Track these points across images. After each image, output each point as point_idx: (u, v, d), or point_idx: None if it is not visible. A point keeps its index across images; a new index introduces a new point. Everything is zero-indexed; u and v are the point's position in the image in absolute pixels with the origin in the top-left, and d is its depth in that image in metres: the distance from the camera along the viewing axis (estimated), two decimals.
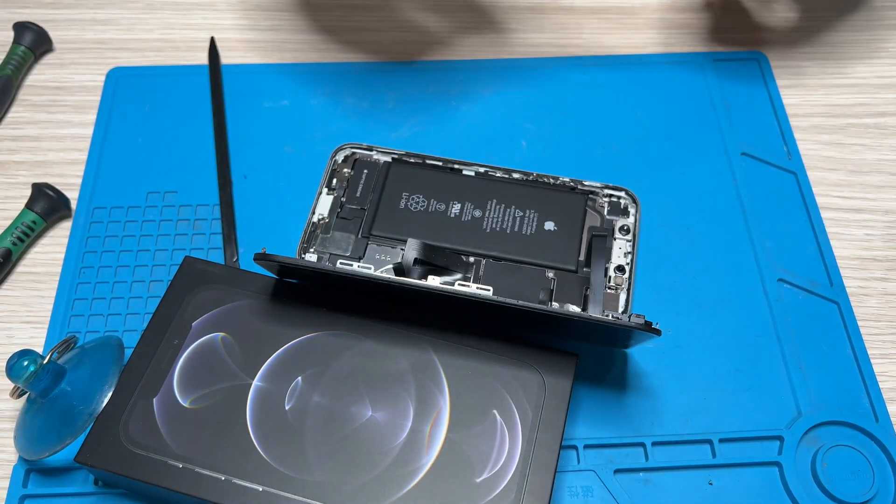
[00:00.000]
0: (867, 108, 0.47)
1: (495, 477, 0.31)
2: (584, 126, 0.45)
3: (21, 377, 0.32)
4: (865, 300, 0.40)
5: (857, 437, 0.35)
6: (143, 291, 0.39)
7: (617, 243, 0.38)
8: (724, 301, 0.39)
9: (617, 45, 0.49)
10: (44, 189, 0.41)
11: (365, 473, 0.31)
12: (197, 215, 0.42)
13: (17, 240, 0.40)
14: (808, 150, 0.45)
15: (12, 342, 0.38)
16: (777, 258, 0.40)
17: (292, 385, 0.33)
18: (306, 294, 0.35)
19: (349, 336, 0.34)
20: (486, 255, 0.38)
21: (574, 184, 0.40)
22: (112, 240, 0.41)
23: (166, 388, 0.33)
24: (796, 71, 0.48)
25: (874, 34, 0.50)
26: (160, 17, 0.51)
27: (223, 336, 0.34)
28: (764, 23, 0.50)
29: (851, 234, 0.42)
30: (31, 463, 0.35)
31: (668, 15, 0.51)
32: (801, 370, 0.37)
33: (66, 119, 0.46)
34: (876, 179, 0.44)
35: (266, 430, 0.32)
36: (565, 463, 0.35)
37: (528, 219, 0.39)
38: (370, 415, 0.32)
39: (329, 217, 0.39)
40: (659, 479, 0.35)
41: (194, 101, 0.46)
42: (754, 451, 0.35)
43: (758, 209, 0.42)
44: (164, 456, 0.31)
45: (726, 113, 0.46)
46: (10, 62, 0.47)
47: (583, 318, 0.31)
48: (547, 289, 0.37)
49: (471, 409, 0.32)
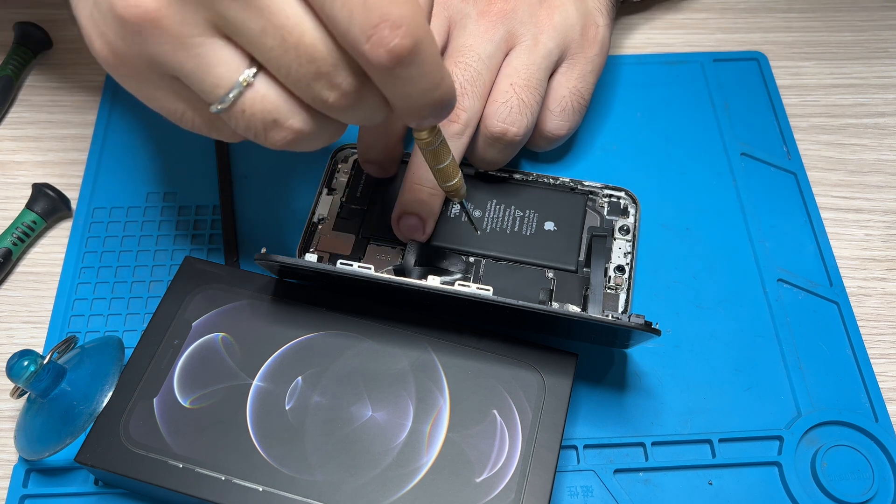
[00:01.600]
0: (867, 108, 0.47)
1: (495, 477, 0.31)
2: (584, 126, 0.45)
3: (21, 377, 0.32)
4: (865, 300, 0.40)
5: (856, 437, 0.35)
6: (143, 291, 0.39)
7: (617, 243, 0.38)
8: (724, 301, 0.39)
9: (617, 46, 0.49)
10: (44, 189, 0.41)
11: (365, 473, 0.31)
12: (197, 215, 0.42)
13: (18, 240, 0.40)
14: (808, 150, 0.45)
15: (12, 342, 0.38)
16: (777, 258, 0.40)
17: (292, 385, 0.33)
18: (306, 294, 0.35)
19: (349, 336, 0.34)
20: (485, 255, 0.38)
21: (574, 184, 0.40)
22: (112, 240, 0.41)
23: (166, 388, 0.33)
24: (796, 71, 0.48)
25: (874, 34, 0.50)
26: None
27: (223, 336, 0.34)
28: (764, 23, 0.50)
29: (851, 234, 0.42)
30: (31, 463, 0.35)
31: (669, 15, 0.51)
32: (800, 370, 0.37)
33: (66, 119, 0.46)
34: (875, 179, 0.44)
35: (266, 430, 0.32)
36: (565, 463, 0.35)
37: (528, 219, 0.39)
38: (370, 415, 0.32)
39: (329, 217, 0.39)
40: (659, 479, 0.35)
41: None
42: (754, 451, 0.35)
43: (757, 209, 0.42)
44: (164, 456, 0.31)
45: (726, 113, 0.46)
46: (11, 62, 0.47)
47: (583, 318, 0.31)
48: (547, 289, 0.37)
49: (471, 408, 0.32)
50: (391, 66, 0.24)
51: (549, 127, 0.40)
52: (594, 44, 0.40)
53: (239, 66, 0.25)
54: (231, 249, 0.40)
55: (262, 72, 0.25)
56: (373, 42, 0.23)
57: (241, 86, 0.25)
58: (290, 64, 0.24)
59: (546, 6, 0.39)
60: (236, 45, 0.25)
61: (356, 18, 0.23)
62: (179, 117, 0.28)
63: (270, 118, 0.26)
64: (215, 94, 0.25)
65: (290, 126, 0.26)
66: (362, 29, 0.23)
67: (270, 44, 0.24)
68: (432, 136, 0.31)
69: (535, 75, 0.38)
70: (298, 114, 0.26)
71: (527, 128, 0.38)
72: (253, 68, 0.25)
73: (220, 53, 0.25)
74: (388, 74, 0.24)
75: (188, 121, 0.28)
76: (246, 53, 0.25)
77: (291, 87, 0.25)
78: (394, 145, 0.39)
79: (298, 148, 0.27)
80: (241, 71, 0.25)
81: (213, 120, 0.28)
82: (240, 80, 0.25)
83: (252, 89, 0.25)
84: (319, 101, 0.25)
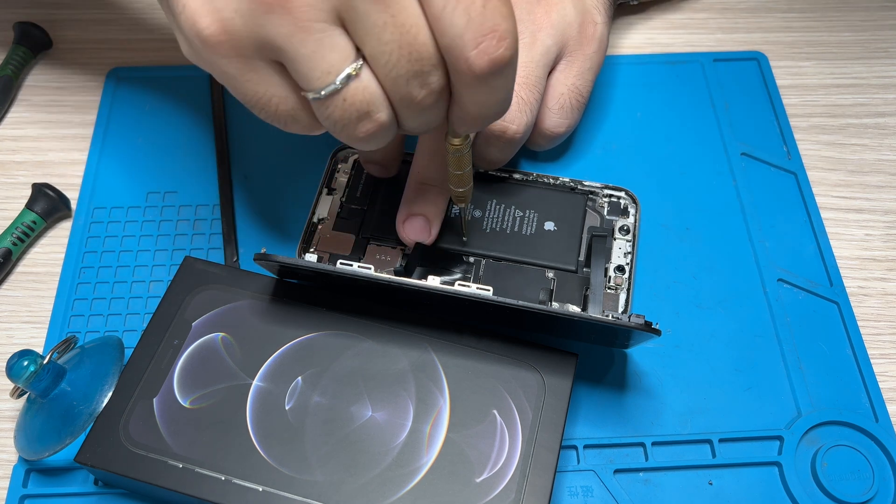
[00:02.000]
0: (867, 108, 0.47)
1: (495, 477, 0.31)
2: (584, 126, 0.45)
3: (21, 377, 0.32)
4: (865, 300, 0.40)
5: (856, 437, 0.35)
6: (143, 291, 0.39)
7: (617, 243, 0.38)
8: (724, 301, 0.39)
9: (617, 45, 0.49)
10: (44, 189, 0.41)
11: (365, 473, 0.31)
12: (197, 215, 0.42)
13: (17, 240, 0.40)
14: (808, 150, 0.45)
15: (12, 342, 0.38)
16: (777, 258, 0.40)
17: (292, 385, 0.33)
18: (306, 294, 0.35)
19: (349, 336, 0.34)
20: (485, 255, 0.38)
21: (574, 184, 0.40)
22: (112, 240, 0.41)
23: (166, 388, 0.33)
24: (796, 71, 0.48)
25: (874, 34, 0.50)
26: (160, 17, 0.50)
27: (223, 336, 0.34)
28: (764, 23, 0.50)
29: (851, 234, 0.42)
30: (31, 463, 0.35)
31: (669, 15, 0.51)
32: (800, 370, 0.37)
33: (66, 119, 0.46)
34: (876, 179, 0.44)
35: (266, 430, 0.32)
36: (565, 463, 0.35)
37: (528, 219, 0.39)
38: (370, 415, 0.32)
39: (329, 217, 0.39)
40: (659, 479, 0.35)
41: (194, 101, 0.46)
42: (754, 451, 0.35)
43: (758, 209, 0.42)
44: (164, 456, 0.31)
45: (726, 113, 0.46)
46: (11, 62, 0.47)
47: (583, 318, 0.31)
48: (547, 289, 0.37)
49: (471, 409, 0.32)
50: (486, 75, 0.26)
51: (548, 125, 0.40)
52: (592, 41, 0.40)
53: (349, 56, 0.26)
54: (231, 250, 0.40)
55: (365, 63, 0.26)
56: (480, 49, 0.25)
57: (350, 75, 0.26)
58: (398, 60, 0.26)
59: (543, 4, 0.39)
60: (348, 35, 0.26)
61: (471, 25, 0.25)
62: (265, 103, 0.28)
63: (365, 109, 0.27)
64: (323, 80, 0.26)
65: (378, 119, 0.27)
66: (473, 36, 0.25)
67: (387, 38, 0.25)
68: (465, 142, 0.32)
69: (533, 73, 0.38)
70: (386, 108, 0.27)
71: (526, 125, 0.38)
72: (360, 59, 0.26)
73: (336, 41, 0.26)
74: (478, 81, 0.26)
75: (272, 108, 0.28)
76: (353, 44, 0.26)
77: (389, 81, 0.26)
78: (396, 144, 0.39)
79: (371, 143, 0.28)
80: (349, 60, 0.26)
81: (299, 109, 0.28)
82: (349, 69, 0.26)
83: (358, 79, 0.26)
84: (407, 98, 0.27)
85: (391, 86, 0.27)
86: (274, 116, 0.28)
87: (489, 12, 0.25)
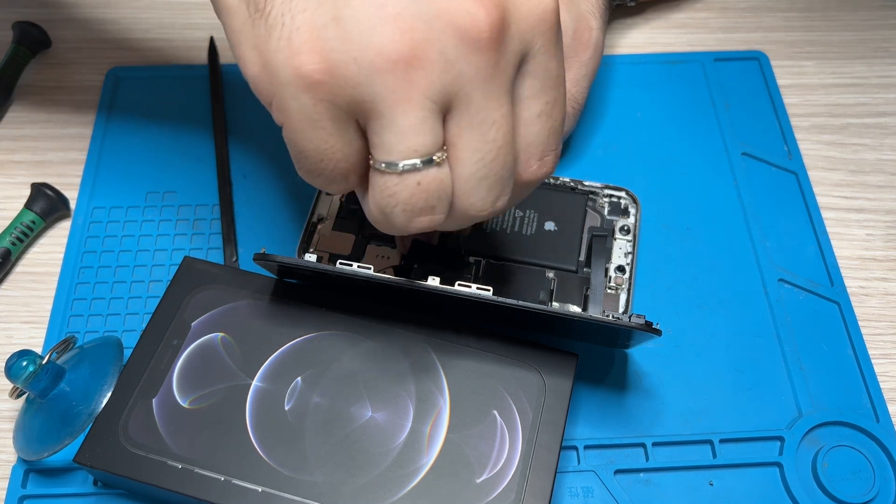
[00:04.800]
0: (867, 107, 0.47)
1: (495, 477, 0.31)
2: (585, 126, 0.45)
3: (20, 377, 0.32)
4: (866, 300, 0.40)
5: (857, 437, 0.35)
6: (142, 291, 0.39)
7: (617, 243, 0.38)
8: (725, 301, 0.39)
9: (617, 45, 0.49)
10: (43, 189, 0.41)
11: (365, 473, 0.31)
12: (197, 215, 0.42)
13: (17, 240, 0.40)
14: (809, 149, 0.45)
15: (11, 342, 0.38)
16: (777, 258, 0.40)
17: (292, 385, 0.33)
18: (306, 294, 0.35)
19: (349, 336, 0.34)
20: (486, 255, 0.38)
21: (574, 184, 0.40)
22: (111, 240, 0.41)
23: (166, 388, 0.33)
24: (796, 71, 0.48)
25: (875, 33, 0.50)
26: (160, 17, 0.50)
27: (223, 336, 0.34)
28: (765, 22, 0.50)
29: (852, 234, 0.42)
30: (30, 463, 0.34)
31: (669, 14, 0.51)
32: (801, 370, 0.37)
33: (65, 119, 0.46)
34: (876, 179, 0.44)
35: (266, 431, 0.32)
36: (565, 463, 0.35)
37: (528, 219, 0.39)
38: (370, 415, 0.32)
39: (329, 217, 0.39)
40: (659, 480, 0.35)
41: (194, 101, 0.46)
42: (755, 451, 0.35)
43: (758, 209, 0.42)
44: (163, 456, 0.31)
45: (726, 113, 0.46)
46: (10, 62, 0.47)
47: (583, 319, 0.31)
48: (547, 289, 0.37)
49: (471, 409, 0.32)
50: (535, 183, 0.28)
51: None
52: (587, 47, 0.40)
53: (438, 143, 0.25)
54: (230, 249, 0.40)
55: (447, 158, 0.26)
56: (543, 162, 0.27)
57: (433, 161, 0.25)
58: (494, 160, 0.26)
59: None
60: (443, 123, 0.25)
61: (548, 140, 0.27)
62: (326, 155, 0.26)
63: (432, 203, 0.26)
64: (406, 155, 0.25)
65: (436, 218, 0.26)
66: (543, 150, 0.27)
67: (492, 137, 0.25)
68: None
69: None
70: (446, 209, 0.26)
71: None
72: (444, 151, 0.25)
73: (434, 124, 0.25)
74: (525, 187, 0.28)
75: (331, 161, 0.26)
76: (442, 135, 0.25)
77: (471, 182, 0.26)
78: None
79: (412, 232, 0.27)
80: (437, 148, 0.25)
81: (353, 171, 0.27)
82: (436, 155, 0.25)
83: (439, 168, 0.25)
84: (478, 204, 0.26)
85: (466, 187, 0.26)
86: (326, 170, 0.26)
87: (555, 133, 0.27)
